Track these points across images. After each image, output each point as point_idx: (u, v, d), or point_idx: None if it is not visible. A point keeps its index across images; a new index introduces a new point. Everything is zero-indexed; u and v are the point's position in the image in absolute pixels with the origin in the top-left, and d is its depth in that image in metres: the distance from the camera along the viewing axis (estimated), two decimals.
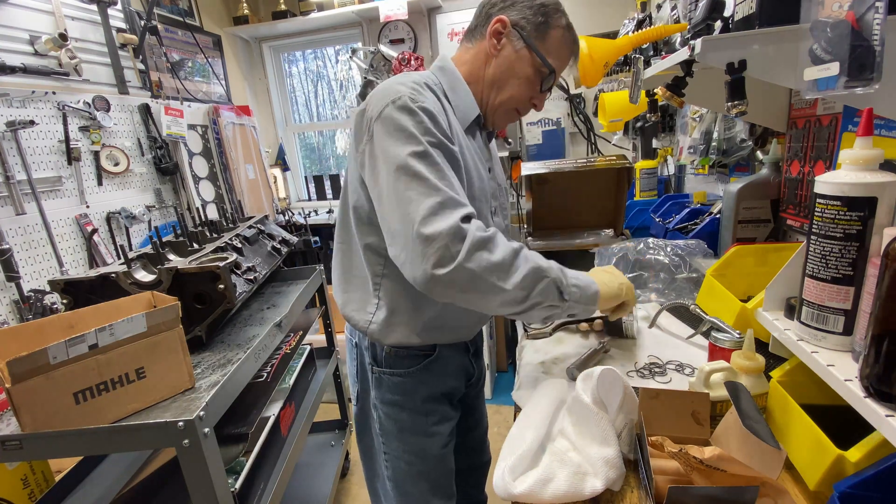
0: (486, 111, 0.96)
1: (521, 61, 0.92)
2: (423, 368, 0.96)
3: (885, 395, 0.52)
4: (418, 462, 0.99)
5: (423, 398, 0.97)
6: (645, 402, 0.73)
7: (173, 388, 0.95)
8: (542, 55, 0.91)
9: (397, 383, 0.96)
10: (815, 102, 1.13)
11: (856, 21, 0.52)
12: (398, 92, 0.80)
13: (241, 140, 3.10)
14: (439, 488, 1.02)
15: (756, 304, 0.90)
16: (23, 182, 1.88)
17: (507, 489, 0.68)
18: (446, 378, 1.00)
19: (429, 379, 0.97)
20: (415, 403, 0.97)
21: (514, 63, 0.92)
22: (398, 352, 0.95)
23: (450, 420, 1.02)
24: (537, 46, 0.91)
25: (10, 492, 1.16)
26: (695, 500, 0.56)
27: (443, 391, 0.99)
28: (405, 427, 0.98)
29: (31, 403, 0.80)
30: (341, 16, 2.99)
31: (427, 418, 0.98)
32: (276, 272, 1.79)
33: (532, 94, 0.95)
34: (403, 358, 0.95)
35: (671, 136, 2.18)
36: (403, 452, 0.99)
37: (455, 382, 1.03)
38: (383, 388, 0.97)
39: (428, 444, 0.99)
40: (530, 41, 0.91)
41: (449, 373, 1.00)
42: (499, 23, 0.90)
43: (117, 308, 0.98)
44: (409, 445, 0.99)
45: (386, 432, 0.99)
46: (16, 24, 1.93)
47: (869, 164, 0.58)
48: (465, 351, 1.04)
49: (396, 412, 0.97)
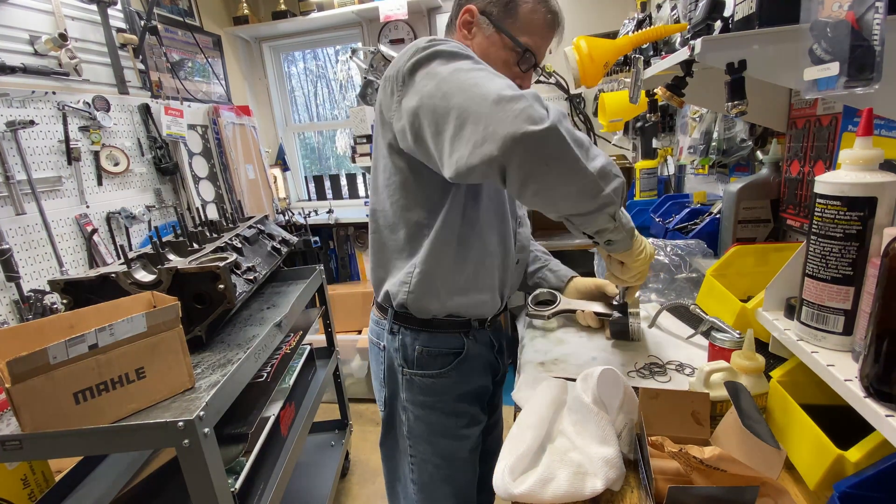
0: None
1: (494, 46, 0.90)
2: (453, 368, 0.97)
3: (885, 395, 0.52)
4: (446, 466, 1.00)
5: (455, 398, 0.98)
6: (645, 402, 0.73)
7: (173, 388, 0.95)
8: (513, 35, 0.90)
9: (429, 385, 0.97)
10: (815, 102, 1.13)
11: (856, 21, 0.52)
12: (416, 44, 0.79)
13: (241, 140, 3.10)
14: (462, 493, 1.03)
15: (756, 304, 0.90)
16: (23, 182, 1.88)
17: (507, 489, 0.68)
18: (475, 376, 1.01)
19: (459, 378, 0.98)
20: (446, 405, 0.97)
21: (488, 49, 0.90)
22: (429, 351, 0.96)
23: (479, 423, 1.03)
24: (507, 27, 0.90)
25: (10, 492, 1.16)
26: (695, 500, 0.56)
27: (473, 390, 1.00)
28: (435, 430, 0.98)
29: (31, 403, 0.80)
30: (341, 16, 2.99)
31: (458, 420, 0.99)
32: (276, 272, 1.79)
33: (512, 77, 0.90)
34: (435, 357, 0.96)
35: (671, 136, 2.18)
36: (432, 455, 1.00)
37: (484, 381, 1.04)
38: (414, 390, 0.97)
39: (457, 447, 1.00)
40: (499, 24, 0.89)
41: (477, 371, 1.01)
42: (466, 13, 0.90)
43: (117, 308, 0.98)
44: (438, 448, 0.99)
45: (415, 435, 1.00)
46: (16, 24, 1.93)
47: (869, 164, 0.58)
48: (490, 347, 1.05)
49: (427, 414, 0.98)
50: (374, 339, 1.04)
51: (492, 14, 0.89)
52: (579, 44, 1.10)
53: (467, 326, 0.99)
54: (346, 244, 3.35)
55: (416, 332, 0.97)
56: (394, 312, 0.97)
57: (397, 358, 0.98)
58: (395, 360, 0.99)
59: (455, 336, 0.98)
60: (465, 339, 0.98)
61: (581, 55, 1.10)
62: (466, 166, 0.70)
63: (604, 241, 0.83)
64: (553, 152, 0.67)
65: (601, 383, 0.77)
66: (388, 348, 1.00)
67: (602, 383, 0.77)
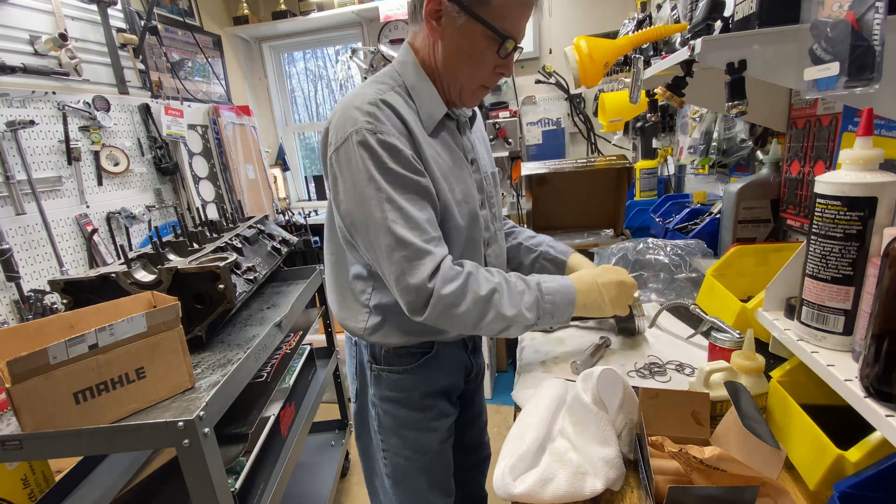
0: (452, 97, 0.90)
1: (469, 36, 0.82)
2: (421, 366, 0.96)
3: (885, 395, 0.52)
4: (417, 458, 0.99)
5: (422, 394, 0.97)
6: (645, 402, 0.73)
7: (173, 388, 0.95)
8: (489, 22, 0.80)
9: (396, 380, 0.96)
10: (815, 102, 1.13)
11: (856, 21, 0.52)
12: (355, 122, 0.79)
13: (241, 140, 3.10)
14: (438, 484, 1.02)
15: (756, 304, 0.90)
16: (23, 182, 1.88)
17: (507, 489, 0.68)
18: (445, 375, 1.00)
19: (427, 376, 0.97)
20: (413, 400, 0.97)
21: (461, 41, 0.83)
22: (397, 350, 0.95)
23: (448, 416, 1.02)
24: (481, 14, 0.80)
25: (10, 492, 1.16)
26: (695, 500, 0.56)
27: (441, 388, 1.00)
28: (403, 423, 0.98)
29: (31, 403, 0.80)
30: (341, 16, 2.99)
31: (425, 413, 0.98)
32: (276, 272, 1.79)
33: (492, 65, 0.86)
34: (402, 356, 0.95)
35: (671, 136, 2.18)
36: (402, 448, 0.99)
37: (453, 379, 1.03)
38: (382, 386, 0.97)
39: (426, 439, 0.99)
40: (472, 11, 0.80)
41: (447, 370, 1.00)
42: (432, 2, 0.80)
43: (117, 308, 0.98)
44: (407, 441, 0.99)
45: (384, 429, 1.00)
46: (16, 24, 1.93)
47: (869, 164, 0.58)
48: (463, 348, 1.04)
49: (395, 408, 0.97)
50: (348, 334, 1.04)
51: (462, 2, 0.80)
52: (579, 44, 1.10)
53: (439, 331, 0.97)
54: None
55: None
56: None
57: (366, 354, 0.98)
58: (364, 355, 0.99)
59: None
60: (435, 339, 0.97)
61: (581, 55, 1.10)
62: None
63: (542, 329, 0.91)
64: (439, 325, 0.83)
65: (601, 383, 0.77)
66: (359, 343, 1.00)
67: (602, 383, 0.77)
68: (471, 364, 1.08)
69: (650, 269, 1.34)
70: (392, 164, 0.79)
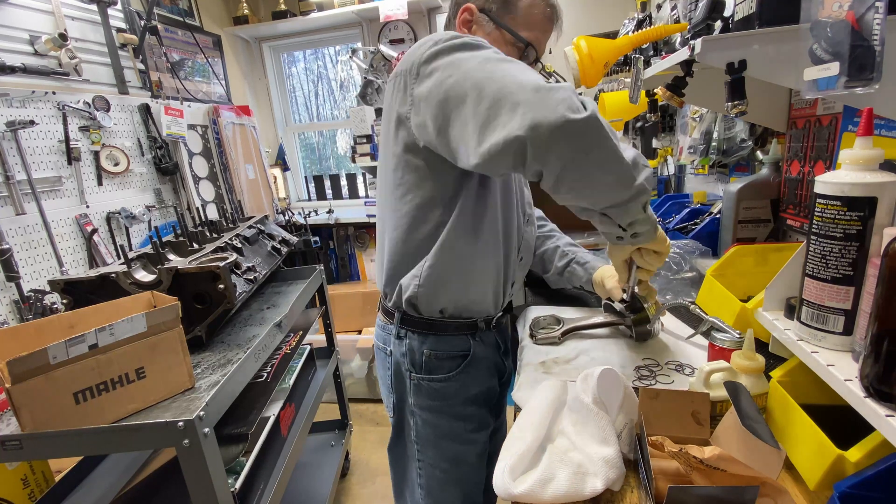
0: None
1: (496, 44, 0.89)
2: (461, 371, 0.97)
3: (885, 395, 0.52)
4: (453, 470, 1.00)
5: (463, 402, 0.98)
6: (645, 402, 0.73)
7: (173, 388, 0.95)
8: (514, 31, 0.90)
9: (437, 389, 0.96)
10: (815, 102, 1.13)
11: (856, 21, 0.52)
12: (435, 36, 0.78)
13: (241, 140, 3.10)
14: (470, 499, 1.03)
15: (756, 304, 0.90)
16: (23, 182, 1.88)
17: (507, 489, 0.68)
18: (483, 378, 1.01)
19: (467, 381, 0.98)
20: (454, 408, 0.97)
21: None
22: (437, 355, 0.96)
23: (487, 427, 1.03)
24: (507, 23, 0.90)
25: (10, 492, 1.16)
26: (695, 499, 0.56)
27: (480, 392, 1.00)
28: (443, 433, 0.98)
29: (31, 403, 0.80)
30: (341, 16, 2.99)
31: (466, 424, 0.99)
32: (276, 272, 1.79)
33: None
34: (443, 360, 0.96)
35: (671, 136, 2.17)
36: (440, 460, 0.99)
37: (491, 382, 1.04)
38: (422, 395, 0.97)
39: (464, 451, 0.99)
40: (499, 20, 0.90)
41: (484, 373, 1.01)
42: (466, 12, 0.90)
43: (117, 308, 0.98)
44: (446, 453, 0.99)
45: (422, 439, 0.99)
46: (16, 24, 1.93)
47: (869, 164, 0.58)
48: (496, 348, 1.06)
49: (435, 418, 0.98)
50: (381, 345, 1.03)
51: (491, 11, 0.90)
52: (579, 44, 1.10)
53: (474, 328, 0.99)
54: (346, 244, 3.35)
55: (424, 336, 0.96)
56: (400, 316, 0.97)
57: (405, 363, 0.98)
58: (402, 364, 0.98)
59: (462, 338, 0.98)
60: (472, 341, 0.98)
61: (581, 55, 1.10)
62: (500, 153, 0.67)
63: (632, 233, 0.80)
64: (594, 141, 0.65)
65: (601, 383, 0.77)
66: (395, 353, 0.99)
67: (602, 383, 0.77)
68: (503, 365, 1.09)
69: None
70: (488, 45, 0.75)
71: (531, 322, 1.16)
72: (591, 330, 1.18)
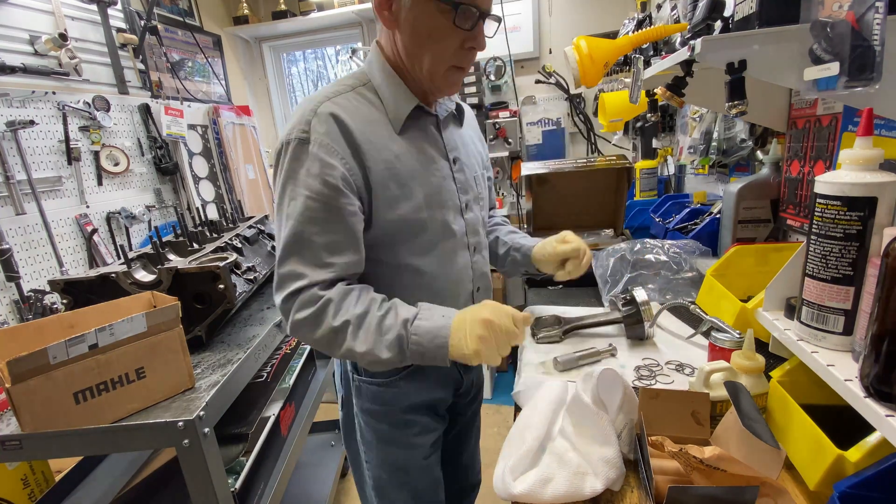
0: (426, 87, 0.86)
1: (421, 15, 0.77)
2: (402, 379, 0.91)
3: (885, 395, 0.52)
4: (400, 473, 0.96)
5: (403, 409, 0.93)
6: (645, 402, 0.73)
7: (173, 388, 0.95)
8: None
9: (376, 392, 0.93)
10: (815, 102, 1.13)
11: (856, 21, 0.52)
12: (295, 126, 0.79)
13: (241, 140, 3.10)
14: (423, 498, 0.99)
15: (756, 304, 0.90)
16: (23, 182, 1.88)
17: (507, 489, 0.68)
18: (430, 389, 0.95)
19: (410, 389, 0.93)
20: (394, 414, 0.93)
21: (415, 23, 0.78)
22: None
23: (432, 431, 0.98)
24: None
25: (10, 492, 1.16)
26: (695, 499, 0.56)
27: (425, 401, 0.95)
28: (384, 438, 0.95)
29: (31, 403, 0.80)
30: (341, 16, 2.99)
31: (407, 430, 0.94)
32: None
33: (457, 40, 0.79)
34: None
35: (671, 136, 2.18)
36: (384, 463, 0.96)
37: (441, 394, 0.98)
38: (363, 397, 0.94)
39: (409, 456, 0.96)
40: None
41: (433, 383, 0.95)
42: None
43: (117, 308, 0.98)
44: (389, 456, 0.96)
45: (367, 442, 0.97)
46: (16, 24, 1.93)
47: (869, 164, 0.58)
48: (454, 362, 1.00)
49: (375, 422, 0.95)
50: None
51: None
52: (579, 44, 1.10)
53: None
54: None
55: None
56: None
57: (348, 362, 0.96)
58: (348, 363, 0.97)
59: None
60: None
61: (581, 55, 1.10)
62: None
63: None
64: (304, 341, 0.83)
65: (601, 383, 0.78)
66: None
67: (602, 383, 0.78)
68: (460, 377, 1.02)
69: (650, 269, 1.34)
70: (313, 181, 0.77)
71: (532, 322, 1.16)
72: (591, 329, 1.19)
